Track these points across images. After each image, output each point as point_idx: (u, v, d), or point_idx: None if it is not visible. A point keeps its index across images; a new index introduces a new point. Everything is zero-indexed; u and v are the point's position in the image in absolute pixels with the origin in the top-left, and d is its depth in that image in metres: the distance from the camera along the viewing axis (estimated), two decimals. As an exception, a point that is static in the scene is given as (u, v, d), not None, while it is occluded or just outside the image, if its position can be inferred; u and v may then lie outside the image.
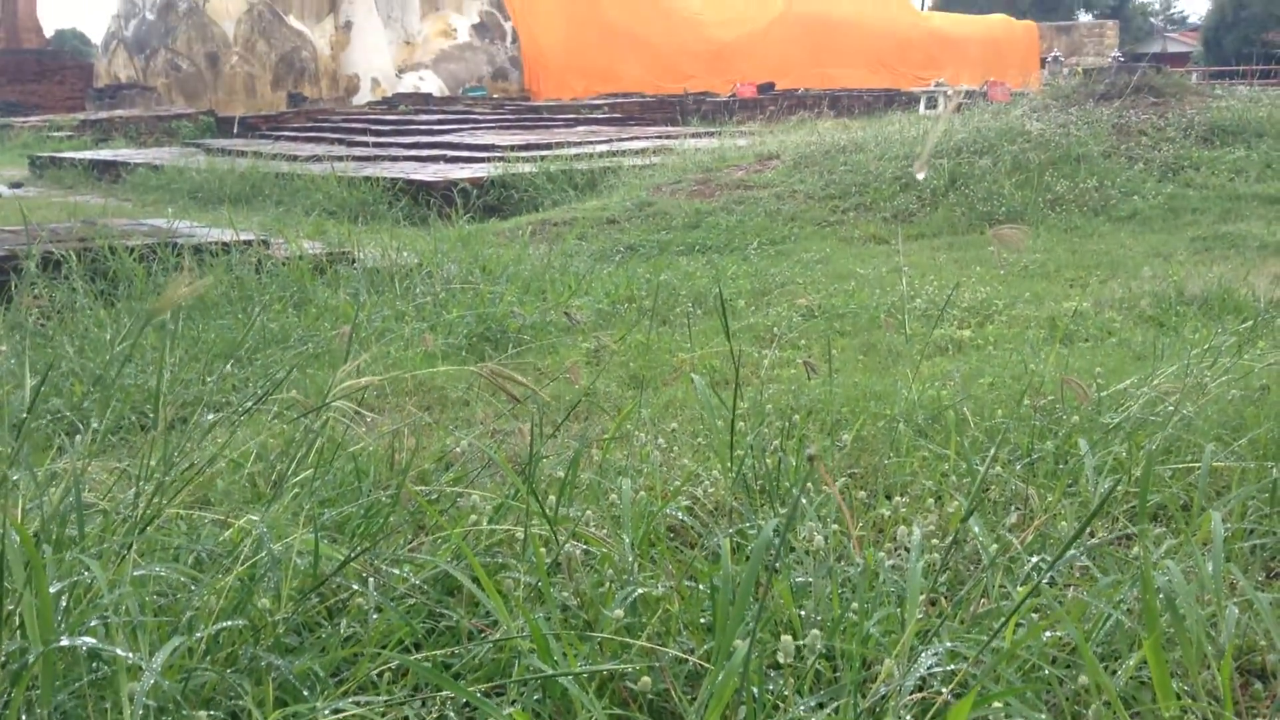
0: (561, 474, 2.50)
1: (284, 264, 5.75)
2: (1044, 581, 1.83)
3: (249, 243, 6.03)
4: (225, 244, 5.91)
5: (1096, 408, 2.96)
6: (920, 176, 4.49)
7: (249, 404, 2.23)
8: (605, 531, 2.15)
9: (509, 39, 32.89)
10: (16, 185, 13.70)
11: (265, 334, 4.54)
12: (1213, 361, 3.23)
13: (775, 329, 5.06)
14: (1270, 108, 9.85)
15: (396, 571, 1.95)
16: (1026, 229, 7.30)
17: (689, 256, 7.35)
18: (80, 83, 29.33)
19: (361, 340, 4.44)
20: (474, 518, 2.19)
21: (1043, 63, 43.49)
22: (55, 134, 20.42)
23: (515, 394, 1.79)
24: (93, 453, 2.24)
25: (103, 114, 22.30)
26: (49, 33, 40.96)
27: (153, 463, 1.81)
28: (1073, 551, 2.00)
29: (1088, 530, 2.26)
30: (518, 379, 1.81)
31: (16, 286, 4.83)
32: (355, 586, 1.81)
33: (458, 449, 2.84)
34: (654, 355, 4.53)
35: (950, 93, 28.27)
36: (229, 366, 3.91)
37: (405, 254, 6.40)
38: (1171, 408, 2.84)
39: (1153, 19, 67.74)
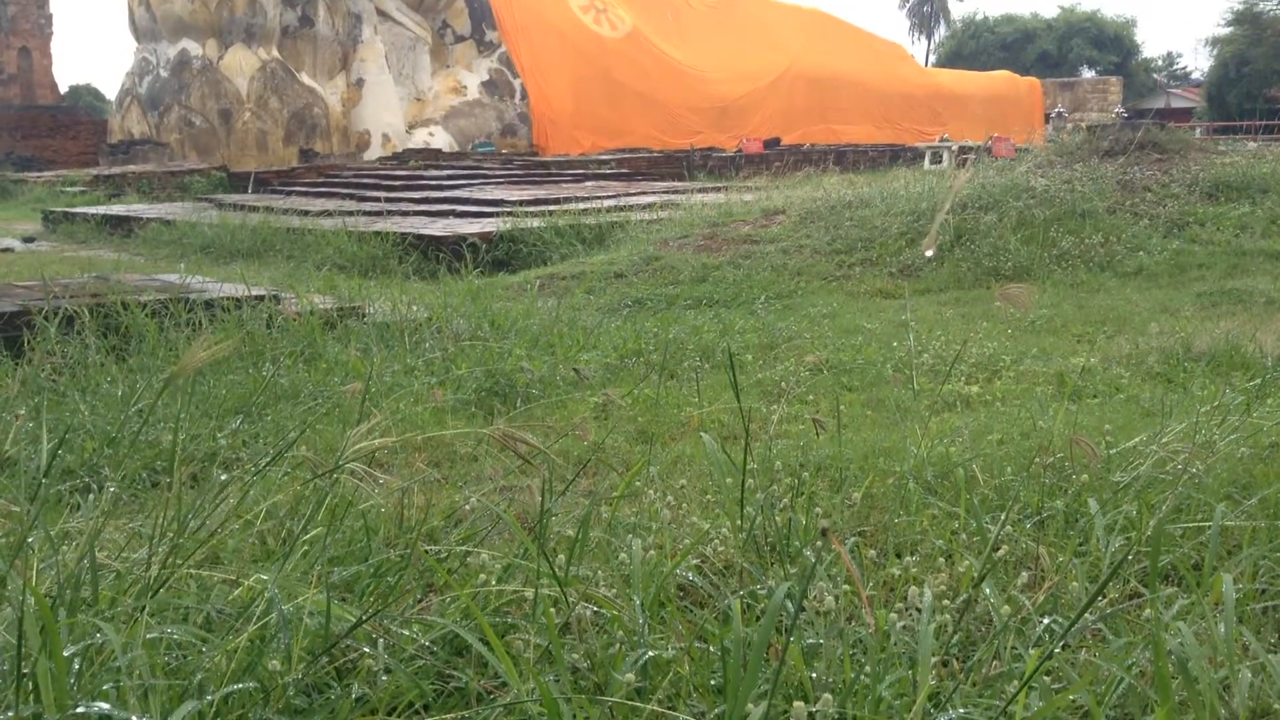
0: (571, 532, 2.50)
1: (295, 319, 5.79)
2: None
3: (260, 298, 6.08)
4: (237, 299, 5.95)
5: (1106, 466, 2.95)
6: (929, 254, 4.53)
7: (262, 464, 2.24)
8: (615, 591, 2.15)
9: (518, 96, 33.32)
10: (29, 240, 13.84)
11: (276, 389, 4.57)
12: (1221, 419, 3.23)
13: (783, 384, 5.07)
14: (1274, 164, 9.91)
15: (406, 632, 1.95)
16: (1033, 287, 7.33)
17: (696, 310, 7.39)
18: (94, 138, 29.76)
19: (371, 396, 4.46)
20: (483, 577, 2.19)
21: (1047, 118, 43.91)
22: (69, 189, 20.67)
23: (526, 456, 1.80)
24: (105, 511, 2.25)
25: (116, 169, 22.58)
26: (64, 89, 41.63)
27: (166, 524, 1.82)
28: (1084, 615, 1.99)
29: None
30: (528, 440, 1.82)
31: (30, 342, 4.87)
32: (365, 649, 1.81)
33: (467, 506, 2.84)
34: (662, 410, 4.53)
35: (955, 148, 28.50)
36: (240, 422, 3.92)
37: (415, 308, 6.44)
38: (1181, 466, 2.84)
39: (1156, 75, 68.41)
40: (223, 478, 2.18)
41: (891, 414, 4.44)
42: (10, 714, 1.34)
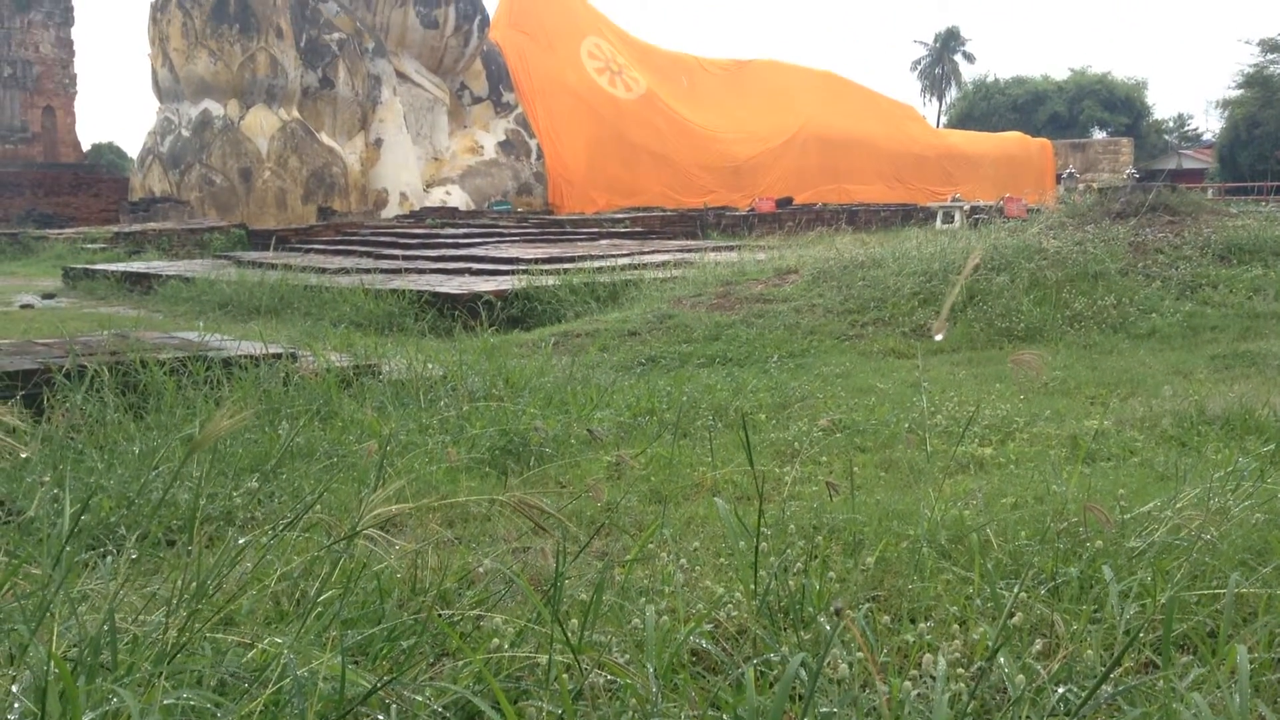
0: (584, 595, 2.51)
1: (311, 377, 5.84)
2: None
3: (278, 356, 6.13)
4: (254, 357, 6.01)
5: (1121, 531, 2.95)
6: (939, 338, 4.57)
7: (278, 528, 2.27)
8: (628, 658, 2.15)
9: (534, 155, 33.74)
10: (50, 296, 14.02)
11: (292, 448, 4.59)
12: (1236, 485, 3.22)
13: (797, 444, 5.07)
14: (1286, 226, 9.95)
15: (419, 698, 1.96)
16: (1045, 354, 7.34)
17: (709, 369, 7.41)
18: (115, 196, 30.23)
19: (386, 455, 4.48)
20: (496, 641, 2.19)
21: (1058, 179, 44.16)
22: (89, 246, 20.96)
23: (542, 523, 1.82)
24: (120, 572, 2.27)
25: (136, 226, 22.91)
26: (86, 147, 42.36)
27: (184, 587, 1.84)
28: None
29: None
30: (543, 507, 1.84)
31: (50, 399, 4.92)
32: (379, 716, 1.81)
33: (480, 569, 2.85)
34: (675, 470, 4.54)
35: (967, 208, 28.66)
36: (256, 481, 3.94)
37: (430, 366, 6.48)
38: (1195, 532, 2.83)
39: (1167, 136, 68.82)
40: (240, 541, 2.20)
41: (905, 476, 4.44)
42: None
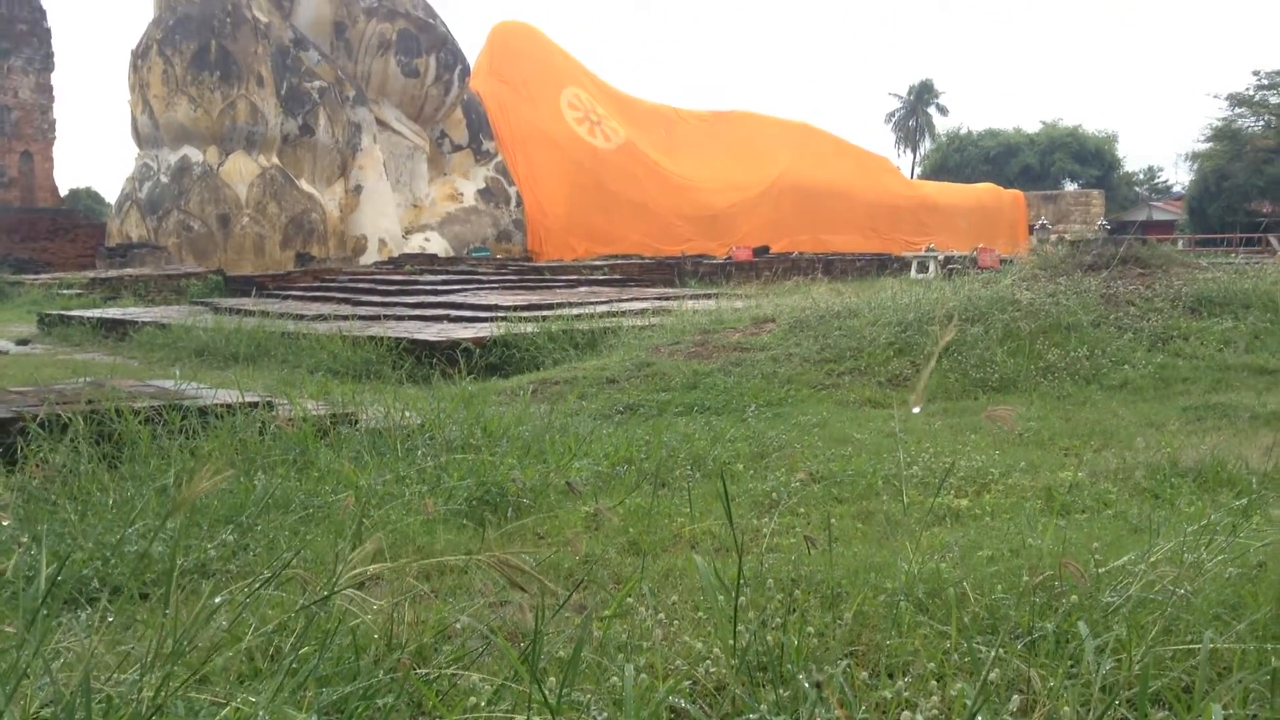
0: (562, 652, 2.50)
1: (289, 423, 5.81)
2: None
3: (254, 405, 6.10)
4: (230, 406, 5.98)
5: (1096, 585, 2.97)
6: (916, 411, 4.64)
7: (254, 586, 2.25)
8: (606, 715, 2.14)
9: (513, 203, 33.91)
10: (24, 342, 13.91)
11: (268, 498, 4.56)
12: (1209, 539, 3.25)
13: (774, 494, 5.08)
14: (1255, 280, 10.10)
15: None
16: (1019, 404, 7.40)
17: (687, 417, 7.42)
18: (92, 241, 30.11)
19: (363, 504, 4.45)
20: (473, 700, 2.18)
21: (1031, 229, 44.76)
22: (65, 291, 20.83)
23: (520, 583, 1.82)
24: (93, 628, 2.24)
25: (112, 272, 22.81)
26: (63, 191, 42.26)
27: (159, 645, 1.82)
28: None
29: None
30: (522, 567, 1.84)
31: (24, 449, 4.88)
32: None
33: (457, 624, 2.83)
34: (654, 521, 4.54)
35: (941, 258, 28.99)
36: (230, 534, 3.91)
37: (408, 414, 6.46)
38: (1170, 587, 2.85)
39: (1137, 188, 70.00)
40: (216, 600, 2.18)
41: (882, 527, 4.45)
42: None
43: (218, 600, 2.21)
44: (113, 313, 15.97)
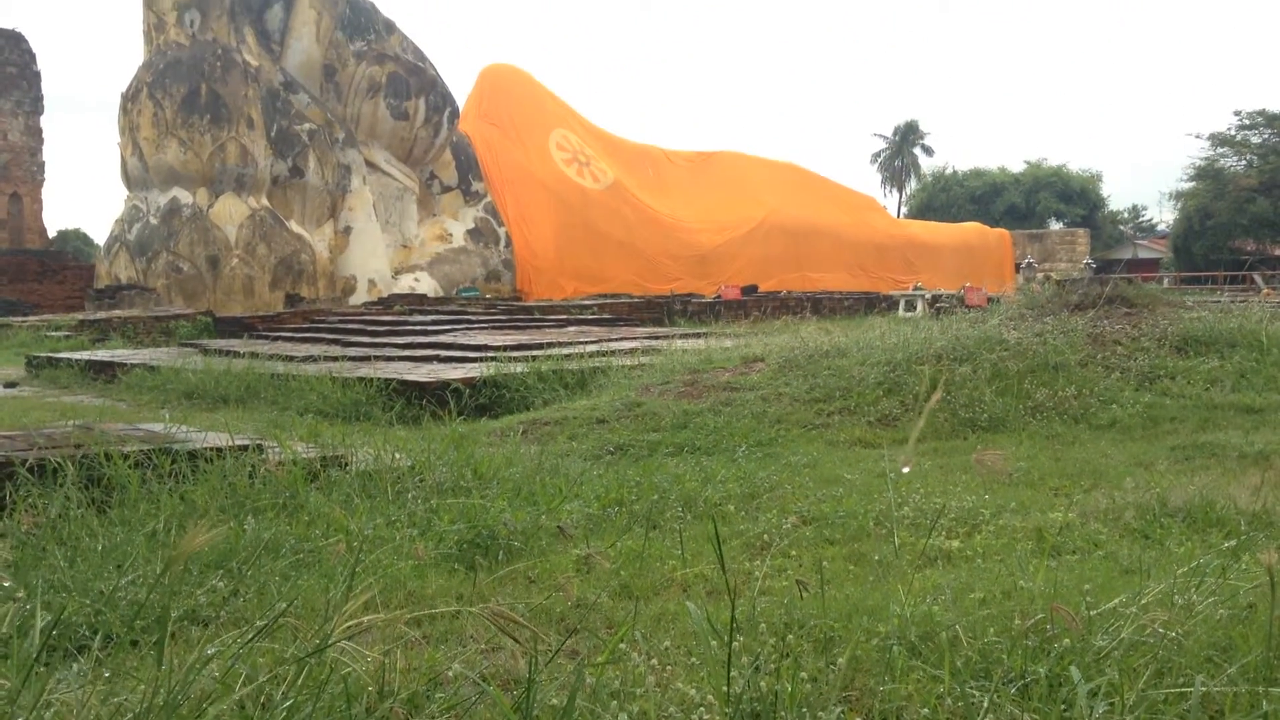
0: (555, 701, 2.49)
1: (279, 467, 5.79)
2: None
3: (244, 448, 6.09)
4: (220, 449, 5.96)
5: (1088, 628, 2.98)
6: (905, 470, 4.69)
7: (248, 638, 2.24)
8: (601, 765, 2.13)
9: (503, 243, 34.05)
10: (12, 385, 13.84)
11: (258, 543, 4.54)
12: (1199, 581, 3.27)
13: (766, 536, 5.08)
14: (1240, 319, 10.17)
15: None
16: (1008, 443, 7.43)
17: (678, 457, 7.42)
18: (81, 283, 30.09)
19: (353, 550, 4.44)
20: (468, 748, 2.17)
21: (1017, 268, 45.10)
22: (53, 333, 20.77)
23: (513, 634, 1.82)
24: (86, 679, 2.23)
25: (101, 314, 22.76)
26: (52, 233, 42.28)
27: (150, 697, 1.82)
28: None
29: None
30: (515, 619, 1.84)
31: (12, 494, 4.85)
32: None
33: (449, 672, 2.82)
34: (646, 564, 4.53)
35: (928, 296, 29.15)
36: (220, 580, 3.89)
37: (398, 456, 6.45)
38: (1161, 629, 2.87)
39: (1122, 227, 70.67)
40: (209, 651, 2.18)
41: (874, 569, 4.46)
42: None
43: (210, 652, 2.21)
44: (101, 355, 15.92)
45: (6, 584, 2.87)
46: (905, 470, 4.75)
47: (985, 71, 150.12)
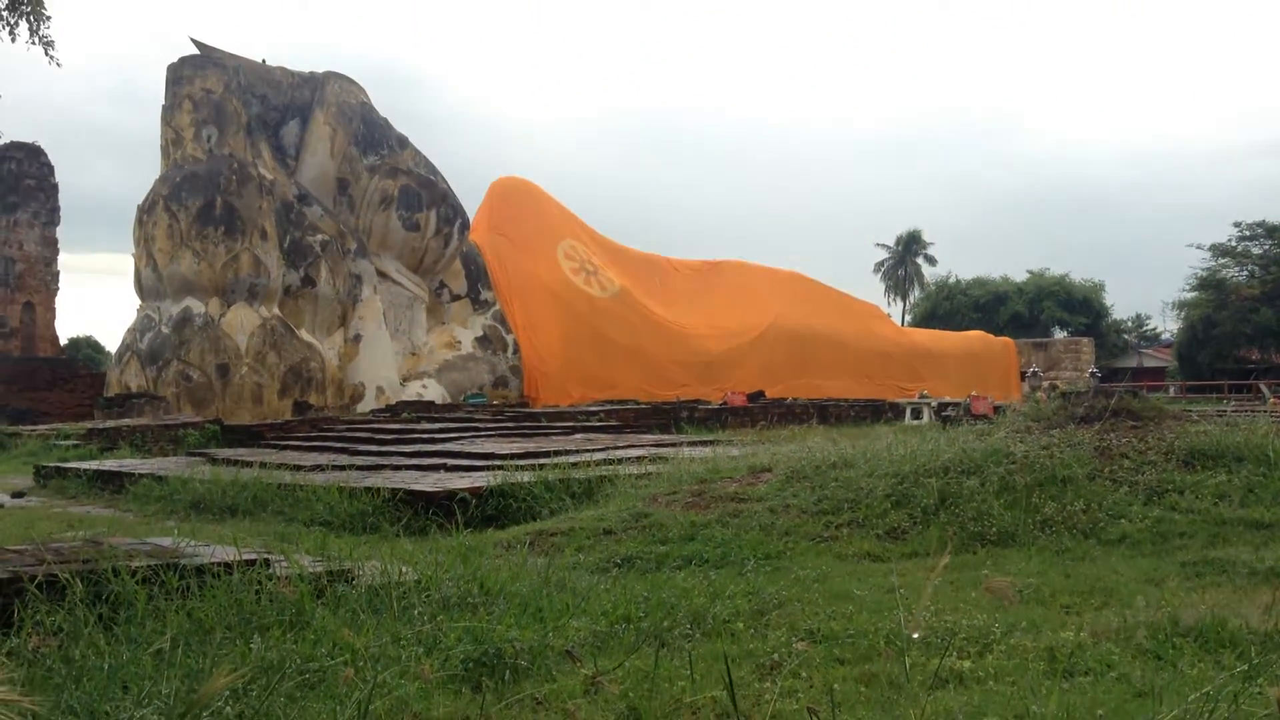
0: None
1: (285, 582, 5.78)
2: None
3: (251, 562, 6.09)
4: (228, 564, 5.96)
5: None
6: (915, 636, 4.75)
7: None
8: None
9: (510, 350, 34.32)
10: (20, 495, 13.86)
11: (263, 662, 4.52)
12: (1213, 706, 3.25)
13: (776, 654, 5.04)
14: (1247, 432, 10.16)
15: None
16: (1017, 563, 7.38)
17: (686, 571, 7.38)
18: (91, 391, 30.27)
19: (359, 670, 4.41)
20: None
21: (1022, 376, 45.21)
22: (63, 442, 20.84)
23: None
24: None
25: (110, 423, 22.88)
26: (64, 340, 42.73)
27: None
28: None
29: None
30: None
31: (20, 611, 4.85)
32: None
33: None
34: (654, 685, 4.49)
35: (935, 404, 29.20)
36: (227, 704, 3.87)
37: (405, 569, 6.44)
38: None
39: (1126, 335, 71.03)
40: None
41: (885, 690, 4.41)
42: None
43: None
44: (109, 465, 15.95)
45: (18, 704, 2.86)
46: (915, 636, 4.80)
47: (985, 184, 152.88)
